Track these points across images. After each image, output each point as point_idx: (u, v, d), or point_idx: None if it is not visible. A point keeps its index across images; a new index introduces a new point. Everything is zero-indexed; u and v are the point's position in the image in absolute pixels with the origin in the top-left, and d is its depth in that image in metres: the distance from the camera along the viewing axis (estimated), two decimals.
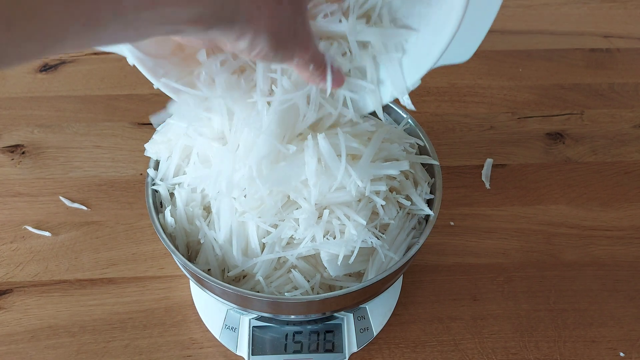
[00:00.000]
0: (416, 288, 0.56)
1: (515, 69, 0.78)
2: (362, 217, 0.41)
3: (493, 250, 0.59)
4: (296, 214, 0.41)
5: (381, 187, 0.42)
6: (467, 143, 0.69)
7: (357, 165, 0.40)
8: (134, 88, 0.74)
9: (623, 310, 0.54)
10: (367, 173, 0.41)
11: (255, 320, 0.50)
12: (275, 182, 0.40)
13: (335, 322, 0.50)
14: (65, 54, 0.80)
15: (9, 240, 0.59)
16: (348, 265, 0.42)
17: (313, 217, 0.41)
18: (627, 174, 0.66)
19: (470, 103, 0.73)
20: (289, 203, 0.42)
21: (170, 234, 0.45)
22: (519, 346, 0.52)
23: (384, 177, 0.43)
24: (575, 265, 0.57)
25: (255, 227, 0.42)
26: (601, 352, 0.51)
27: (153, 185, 0.47)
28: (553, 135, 0.70)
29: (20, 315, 0.53)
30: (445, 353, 0.51)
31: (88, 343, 0.52)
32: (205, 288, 0.44)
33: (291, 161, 0.40)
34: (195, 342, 0.52)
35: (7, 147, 0.68)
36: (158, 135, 0.47)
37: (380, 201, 0.42)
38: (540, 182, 0.65)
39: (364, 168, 0.40)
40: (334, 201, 0.41)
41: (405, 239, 0.45)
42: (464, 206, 0.62)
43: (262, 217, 0.42)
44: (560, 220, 0.61)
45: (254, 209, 0.42)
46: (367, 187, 0.40)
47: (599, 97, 0.74)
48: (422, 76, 0.41)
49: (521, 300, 0.55)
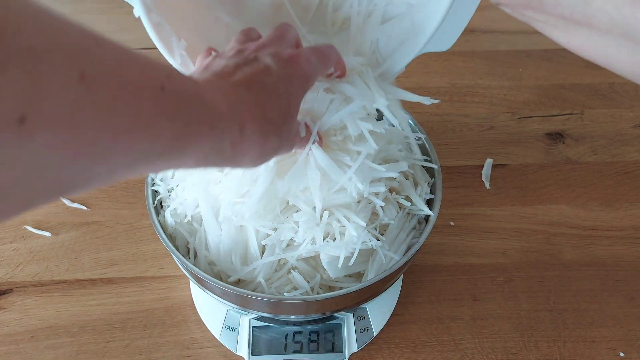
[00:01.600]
0: (416, 288, 0.56)
1: (515, 69, 0.78)
2: (362, 218, 0.41)
3: (493, 250, 0.59)
4: (296, 217, 0.41)
5: (380, 188, 0.42)
6: (467, 143, 0.69)
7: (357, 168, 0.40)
8: None
9: (623, 310, 0.54)
10: (367, 175, 0.41)
11: (255, 320, 0.50)
12: (274, 196, 0.41)
13: (335, 322, 0.50)
14: None
15: (9, 240, 0.59)
16: (348, 266, 0.42)
17: (313, 219, 0.41)
18: (627, 174, 0.66)
19: (470, 103, 0.73)
20: (287, 207, 0.42)
21: (170, 234, 0.45)
22: (519, 346, 0.52)
23: (383, 179, 0.43)
24: (575, 265, 0.57)
25: (254, 232, 0.42)
26: (601, 352, 0.51)
27: (153, 185, 0.47)
28: (553, 135, 0.70)
29: (20, 315, 0.53)
30: (445, 353, 0.51)
31: (88, 343, 0.52)
32: (205, 288, 0.44)
33: (292, 174, 0.40)
34: (195, 342, 0.52)
35: None
36: None
37: (379, 202, 0.42)
38: (540, 182, 0.65)
39: (363, 170, 0.40)
40: (333, 203, 0.41)
41: (405, 239, 0.45)
42: (464, 206, 0.62)
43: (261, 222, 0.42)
44: (560, 220, 0.61)
45: (252, 214, 0.42)
46: (365, 189, 0.40)
47: (599, 97, 0.74)
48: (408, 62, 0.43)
49: (521, 300, 0.55)
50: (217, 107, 0.27)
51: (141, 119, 0.21)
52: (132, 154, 0.22)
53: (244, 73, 0.31)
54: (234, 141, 0.28)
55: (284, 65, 0.32)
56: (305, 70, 0.33)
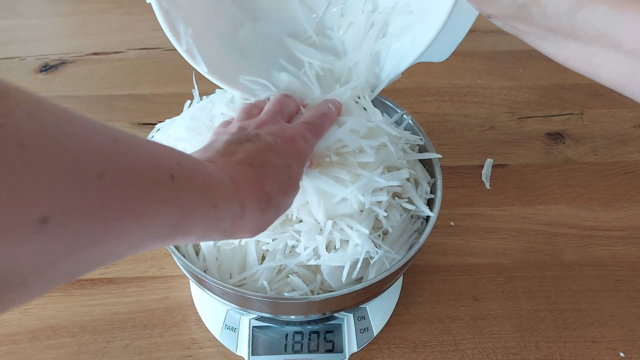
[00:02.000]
0: (416, 288, 0.56)
1: (515, 69, 0.78)
2: (365, 226, 0.41)
3: (493, 250, 0.59)
4: (298, 227, 0.41)
5: (382, 197, 0.42)
6: (467, 143, 0.69)
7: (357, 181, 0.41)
8: (134, 88, 0.74)
9: (623, 310, 0.54)
10: (368, 186, 0.41)
11: (255, 321, 0.50)
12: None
13: (335, 322, 0.50)
14: (66, 53, 0.80)
15: None
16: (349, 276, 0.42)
17: (315, 230, 0.41)
18: (628, 174, 0.66)
19: (470, 103, 0.73)
20: (287, 220, 0.42)
21: None
22: (519, 346, 0.52)
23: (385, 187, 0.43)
24: (575, 265, 0.57)
25: (254, 244, 0.42)
26: (601, 352, 0.51)
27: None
28: (553, 135, 0.70)
29: (20, 315, 0.53)
30: (445, 353, 0.51)
31: (88, 343, 0.52)
32: (205, 288, 0.44)
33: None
34: (195, 342, 0.52)
35: None
36: (159, 133, 0.48)
37: (382, 212, 0.42)
38: (541, 182, 0.65)
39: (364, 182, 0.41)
40: (336, 213, 0.41)
41: (407, 241, 0.45)
42: (464, 206, 0.62)
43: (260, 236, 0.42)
44: (560, 220, 0.61)
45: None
46: (367, 200, 0.40)
47: (599, 97, 0.74)
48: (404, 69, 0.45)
49: (521, 300, 0.55)
50: (222, 187, 0.28)
51: (151, 206, 0.23)
52: (137, 239, 0.23)
53: (246, 151, 0.33)
54: (235, 218, 0.30)
55: (283, 143, 0.35)
56: (302, 146, 0.36)
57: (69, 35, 0.84)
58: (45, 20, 0.86)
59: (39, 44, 0.82)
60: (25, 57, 0.80)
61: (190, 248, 0.45)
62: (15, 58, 0.79)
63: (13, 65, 0.78)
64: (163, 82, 0.75)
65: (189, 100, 0.51)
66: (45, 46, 0.81)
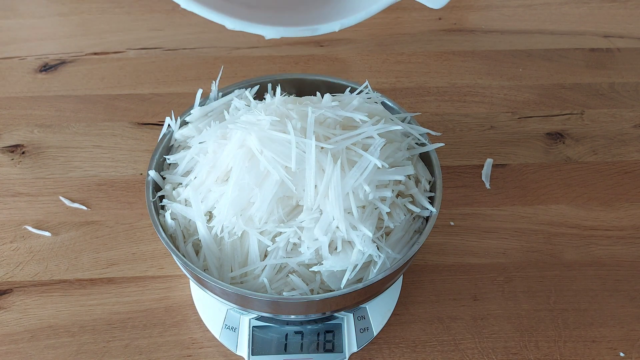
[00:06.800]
0: (416, 288, 0.56)
1: (515, 69, 0.78)
2: (368, 226, 0.41)
3: (493, 250, 0.59)
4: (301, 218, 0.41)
5: (387, 193, 0.41)
6: (467, 143, 0.69)
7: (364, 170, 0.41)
8: (134, 88, 0.74)
9: (623, 310, 0.54)
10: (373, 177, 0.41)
11: (255, 320, 0.50)
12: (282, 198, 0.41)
13: (335, 322, 0.50)
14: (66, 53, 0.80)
15: (9, 240, 0.59)
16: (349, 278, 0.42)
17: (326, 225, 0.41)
18: (628, 173, 0.66)
19: (470, 103, 0.73)
20: (292, 211, 0.42)
21: (171, 234, 0.45)
22: (519, 346, 0.52)
23: (390, 183, 0.43)
24: (575, 265, 0.57)
25: (256, 241, 0.42)
26: (601, 352, 0.51)
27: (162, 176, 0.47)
28: (553, 135, 0.70)
29: (20, 315, 0.53)
30: (445, 353, 0.51)
31: (88, 343, 0.52)
32: (205, 288, 0.44)
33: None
34: (195, 342, 0.52)
35: (7, 147, 0.68)
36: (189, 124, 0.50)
37: (385, 208, 0.42)
38: (541, 182, 0.65)
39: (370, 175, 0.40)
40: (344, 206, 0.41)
41: (408, 241, 0.45)
42: (464, 206, 0.62)
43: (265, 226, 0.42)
44: (560, 220, 0.61)
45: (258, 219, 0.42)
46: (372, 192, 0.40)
47: (599, 97, 0.74)
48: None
49: (521, 300, 0.55)
50: None
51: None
52: None
53: None
54: None
55: None
56: None
57: (69, 35, 0.84)
58: (44, 20, 0.86)
59: (38, 43, 0.82)
60: (25, 56, 0.80)
61: (190, 248, 0.45)
62: (15, 58, 0.79)
63: (13, 65, 0.78)
64: (163, 82, 0.75)
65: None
66: (45, 46, 0.81)
